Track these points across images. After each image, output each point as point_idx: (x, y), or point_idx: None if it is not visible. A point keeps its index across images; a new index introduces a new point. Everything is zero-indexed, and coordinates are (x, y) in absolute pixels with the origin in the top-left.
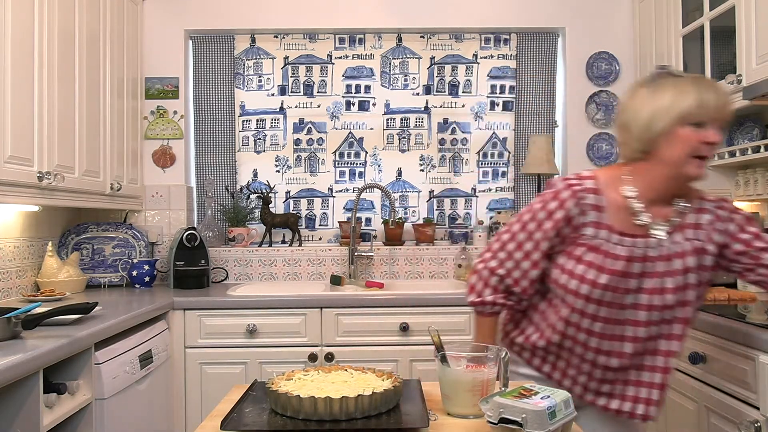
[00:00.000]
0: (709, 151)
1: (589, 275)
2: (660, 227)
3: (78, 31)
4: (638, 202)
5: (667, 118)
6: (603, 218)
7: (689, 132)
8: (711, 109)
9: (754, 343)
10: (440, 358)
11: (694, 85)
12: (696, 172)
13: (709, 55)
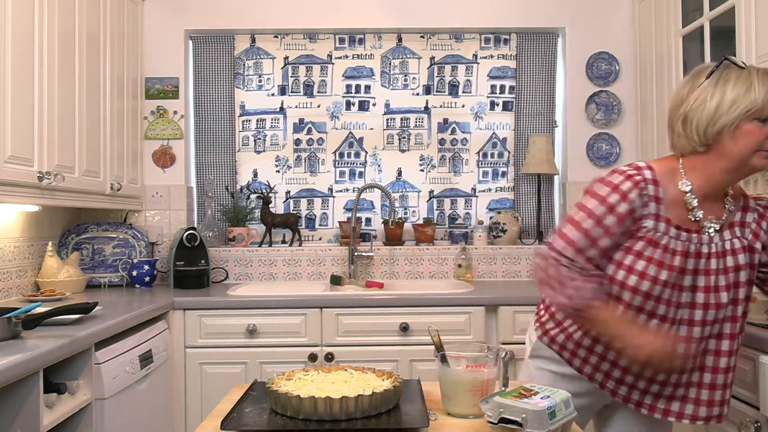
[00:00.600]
0: None
1: (650, 271)
2: (712, 224)
3: (78, 31)
4: (694, 197)
5: (734, 113)
6: (661, 210)
7: (755, 127)
8: None
9: (754, 343)
10: (440, 358)
11: (759, 78)
12: (762, 164)
13: (709, 55)
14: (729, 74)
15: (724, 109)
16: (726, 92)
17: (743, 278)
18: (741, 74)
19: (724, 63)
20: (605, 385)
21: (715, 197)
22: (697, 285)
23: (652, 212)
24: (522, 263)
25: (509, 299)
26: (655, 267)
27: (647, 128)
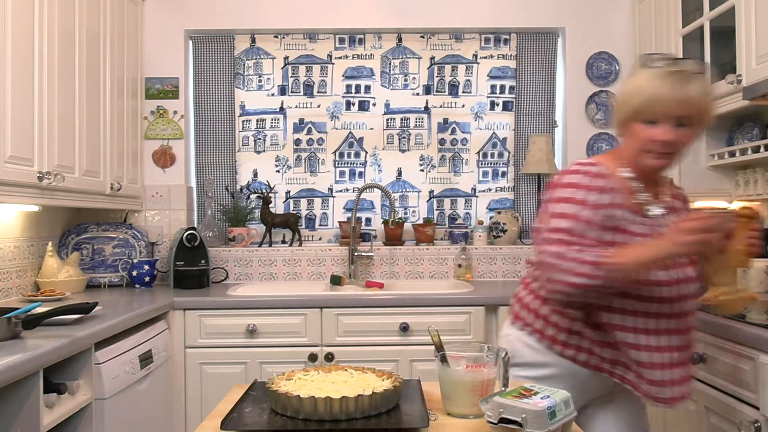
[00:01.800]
0: (661, 149)
1: None
2: (655, 207)
3: (78, 31)
4: (636, 183)
5: (623, 113)
6: (617, 199)
7: (639, 128)
8: (663, 106)
9: (754, 343)
10: (440, 358)
11: (657, 79)
12: (652, 164)
13: (709, 55)
14: (635, 72)
15: (619, 108)
16: (624, 90)
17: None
18: (639, 74)
19: (639, 59)
20: (602, 368)
21: (654, 183)
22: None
23: (608, 202)
24: (522, 263)
25: (509, 299)
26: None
27: None
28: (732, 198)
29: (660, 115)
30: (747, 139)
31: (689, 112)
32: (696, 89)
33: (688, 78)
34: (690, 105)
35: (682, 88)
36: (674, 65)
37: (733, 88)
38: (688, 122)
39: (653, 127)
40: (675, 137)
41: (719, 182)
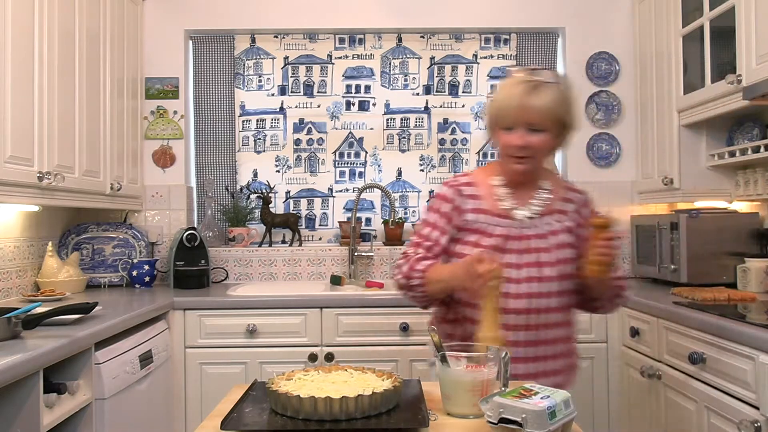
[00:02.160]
0: (517, 152)
1: (465, 251)
2: (522, 210)
3: (78, 31)
4: (504, 189)
5: (488, 122)
6: (480, 205)
7: (501, 135)
8: (512, 112)
9: (754, 343)
10: (440, 358)
11: (510, 88)
12: (514, 168)
13: (709, 55)
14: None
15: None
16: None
17: (567, 255)
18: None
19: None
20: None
21: (525, 188)
22: (520, 263)
23: (471, 207)
24: None
25: None
26: (470, 247)
27: (647, 128)
28: (732, 198)
29: (512, 121)
30: (747, 139)
31: (538, 118)
32: (543, 98)
33: (536, 87)
34: (537, 112)
35: (528, 96)
36: (526, 75)
37: (733, 88)
38: (540, 127)
39: (510, 133)
40: (527, 142)
41: (719, 182)
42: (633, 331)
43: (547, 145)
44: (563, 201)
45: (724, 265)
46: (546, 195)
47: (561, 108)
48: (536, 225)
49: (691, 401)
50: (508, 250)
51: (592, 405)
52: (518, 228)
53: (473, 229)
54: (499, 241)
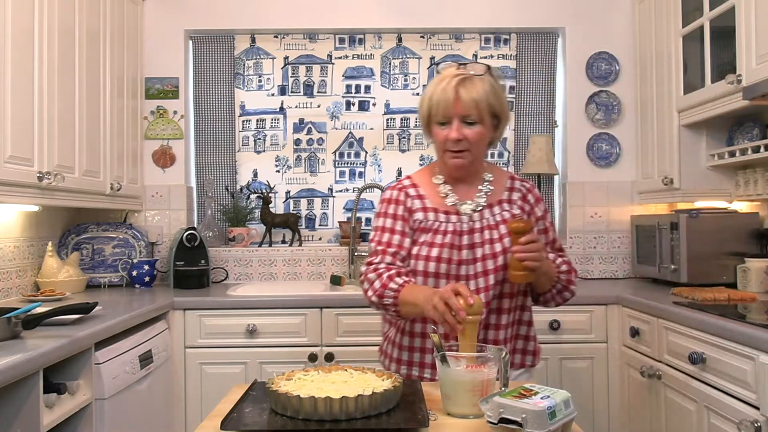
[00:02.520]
0: (453, 147)
1: (422, 252)
2: (467, 204)
3: (78, 31)
4: (447, 186)
5: (422, 120)
6: (427, 203)
7: (437, 129)
8: (442, 107)
9: (754, 343)
10: (440, 358)
11: (433, 86)
12: (451, 163)
13: (709, 55)
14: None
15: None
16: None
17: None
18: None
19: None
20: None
21: (467, 182)
22: (476, 257)
23: (420, 207)
24: None
25: None
26: (426, 247)
27: (647, 128)
28: (732, 198)
29: (445, 115)
30: (747, 139)
31: (470, 110)
32: (474, 90)
33: (466, 80)
34: (469, 104)
35: (459, 90)
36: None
37: (733, 88)
38: (474, 120)
39: (444, 128)
40: (462, 135)
41: (719, 182)
42: (633, 331)
43: (483, 137)
44: (508, 191)
45: (724, 265)
46: (489, 187)
47: (492, 99)
48: (485, 217)
49: (691, 401)
50: (461, 246)
51: (592, 405)
52: (468, 222)
53: (424, 228)
54: (451, 239)
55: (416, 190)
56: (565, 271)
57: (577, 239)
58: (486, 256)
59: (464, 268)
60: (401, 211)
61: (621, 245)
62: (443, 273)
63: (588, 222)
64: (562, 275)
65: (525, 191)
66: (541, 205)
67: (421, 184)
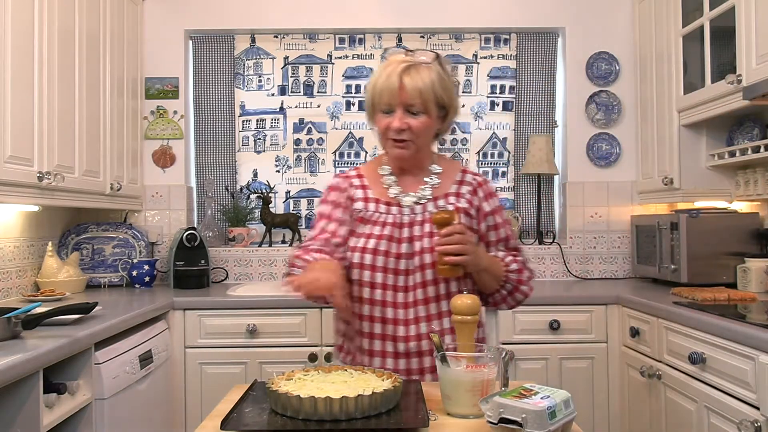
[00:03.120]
0: (395, 135)
1: (359, 243)
2: (409, 196)
3: (78, 31)
4: (390, 177)
5: (367, 106)
6: (369, 194)
7: (380, 117)
8: (386, 95)
9: (754, 343)
10: (440, 358)
11: (379, 73)
12: (394, 153)
13: (709, 55)
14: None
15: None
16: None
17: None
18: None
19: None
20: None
21: (413, 174)
22: (414, 251)
23: (361, 197)
24: None
25: None
26: (363, 239)
27: (647, 128)
28: (732, 198)
29: (389, 103)
30: (747, 139)
31: (414, 100)
32: (417, 78)
33: (410, 68)
34: (411, 93)
35: (402, 78)
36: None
37: (733, 88)
38: (419, 109)
39: (388, 116)
40: (406, 124)
41: (719, 182)
42: (633, 331)
43: (428, 127)
44: (457, 184)
45: (724, 265)
46: (436, 179)
47: (438, 88)
48: (428, 210)
49: (691, 401)
50: (401, 239)
51: (592, 405)
52: (409, 215)
53: (363, 219)
54: (390, 230)
55: (360, 180)
56: (515, 270)
57: (577, 239)
58: (424, 250)
59: (403, 263)
60: (342, 199)
61: (621, 245)
62: (380, 266)
63: (588, 222)
64: (512, 275)
65: (476, 185)
66: (493, 200)
67: (366, 175)
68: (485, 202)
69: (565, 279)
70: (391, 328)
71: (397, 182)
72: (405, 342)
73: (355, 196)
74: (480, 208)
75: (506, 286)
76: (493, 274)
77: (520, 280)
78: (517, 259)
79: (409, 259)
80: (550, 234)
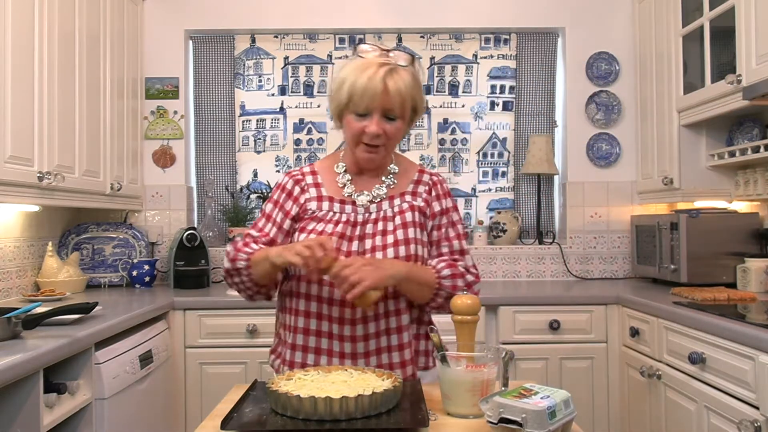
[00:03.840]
0: (370, 141)
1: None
2: (364, 195)
3: (78, 31)
4: (346, 175)
5: (334, 105)
6: (323, 192)
7: (351, 120)
8: (367, 98)
9: (754, 343)
10: (440, 358)
11: (354, 72)
12: (363, 157)
13: (709, 55)
14: (347, 63)
15: (331, 98)
16: (334, 82)
17: (413, 235)
18: (349, 64)
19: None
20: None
21: (370, 174)
22: (365, 249)
23: (314, 196)
24: (522, 263)
25: (509, 299)
26: (314, 236)
27: (647, 128)
28: (732, 198)
29: (367, 107)
30: (747, 139)
31: (394, 105)
32: (400, 83)
33: (392, 70)
34: (393, 98)
35: (386, 82)
36: (381, 57)
37: (733, 88)
38: (396, 115)
39: (363, 120)
40: (383, 129)
41: (719, 182)
42: (633, 331)
43: (401, 132)
44: (414, 183)
45: (724, 265)
46: (393, 180)
47: (416, 92)
48: (382, 209)
49: (691, 401)
50: (352, 237)
51: (592, 405)
52: (363, 214)
53: (315, 218)
54: (342, 228)
55: (314, 177)
56: (447, 276)
57: (577, 239)
58: (376, 248)
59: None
60: (284, 201)
61: (621, 245)
62: None
63: (588, 222)
64: (445, 281)
65: (431, 184)
66: (445, 201)
67: (320, 172)
68: (436, 201)
69: (565, 279)
70: (337, 327)
71: (351, 181)
72: (351, 342)
73: (308, 197)
74: (429, 206)
75: (440, 293)
76: (420, 282)
77: (455, 286)
78: (453, 264)
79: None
80: (550, 234)
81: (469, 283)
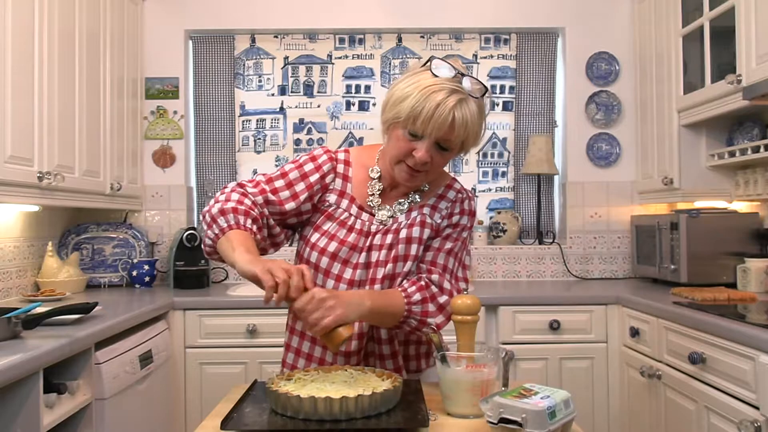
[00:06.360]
0: (415, 166)
1: (321, 243)
2: (384, 210)
3: (78, 31)
4: (378, 184)
5: (389, 113)
6: (348, 188)
7: (401, 136)
8: (432, 124)
9: (754, 343)
10: (440, 358)
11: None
12: (402, 177)
13: (709, 55)
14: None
15: (388, 105)
16: (396, 90)
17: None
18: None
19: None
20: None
21: (401, 189)
22: (370, 261)
23: (338, 188)
24: (522, 263)
25: (509, 299)
26: (326, 239)
27: (647, 128)
28: (732, 198)
29: (425, 131)
30: (747, 139)
31: (454, 137)
32: (467, 115)
33: (465, 101)
34: (457, 131)
35: (456, 112)
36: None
37: (733, 88)
38: (450, 146)
39: (415, 142)
40: (432, 158)
41: (719, 182)
42: (633, 331)
43: (445, 164)
44: (437, 198)
45: (724, 265)
46: (417, 197)
47: (477, 127)
48: (398, 221)
49: (691, 401)
50: (362, 249)
51: (592, 405)
52: (377, 225)
53: (331, 216)
54: (355, 239)
55: (346, 169)
56: (417, 301)
57: (577, 239)
58: (379, 263)
59: (358, 273)
60: (314, 179)
61: (621, 245)
62: (334, 273)
63: (588, 222)
64: (414, 307)
65: (454, 201)
66: (459, 218)
67: (354, 165)
68: (447, 218)
69: (565, 279)
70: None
71: (381, 192)
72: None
73: (332, 187)
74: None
75: (409, 321)
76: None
77: (426, 312)
78: (426, 287)
79: (363, 269)
80: (550, 234)
81: (441, 305)
